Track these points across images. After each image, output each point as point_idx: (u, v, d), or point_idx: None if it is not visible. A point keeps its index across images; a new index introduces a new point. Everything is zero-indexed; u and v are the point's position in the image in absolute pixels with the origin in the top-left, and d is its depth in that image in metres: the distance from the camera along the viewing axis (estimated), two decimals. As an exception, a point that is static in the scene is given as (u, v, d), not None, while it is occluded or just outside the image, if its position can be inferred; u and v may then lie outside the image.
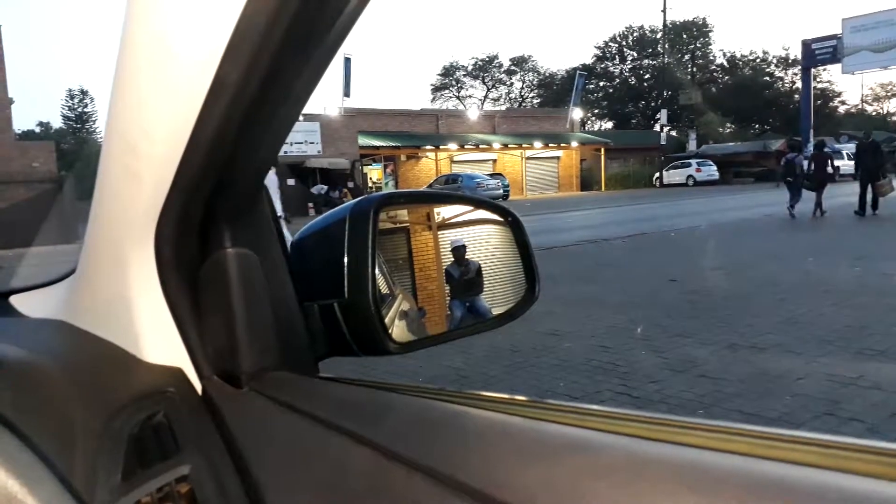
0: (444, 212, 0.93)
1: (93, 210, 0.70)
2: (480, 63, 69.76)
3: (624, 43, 65.72)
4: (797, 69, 52.02)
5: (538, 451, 0.44)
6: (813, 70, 44.41)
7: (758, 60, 63.23)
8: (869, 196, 14.81)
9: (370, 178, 34.53)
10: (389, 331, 0.74)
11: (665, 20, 52.54)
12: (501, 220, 0.92)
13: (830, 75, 57.25)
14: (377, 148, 34.15)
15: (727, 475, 0.36)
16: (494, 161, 40.64)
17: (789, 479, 0.34)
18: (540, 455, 0.43)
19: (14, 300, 0.92)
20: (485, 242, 0.94)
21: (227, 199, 0.64)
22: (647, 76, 64.11)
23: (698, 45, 65.97)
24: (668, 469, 0.37)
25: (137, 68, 0.54)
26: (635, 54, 65.42)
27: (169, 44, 0.50)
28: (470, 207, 0.94)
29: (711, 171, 39.37)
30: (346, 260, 0.72)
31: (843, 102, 64.07)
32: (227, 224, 0.66)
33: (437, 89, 70.67)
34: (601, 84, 66.71)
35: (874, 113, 68.92)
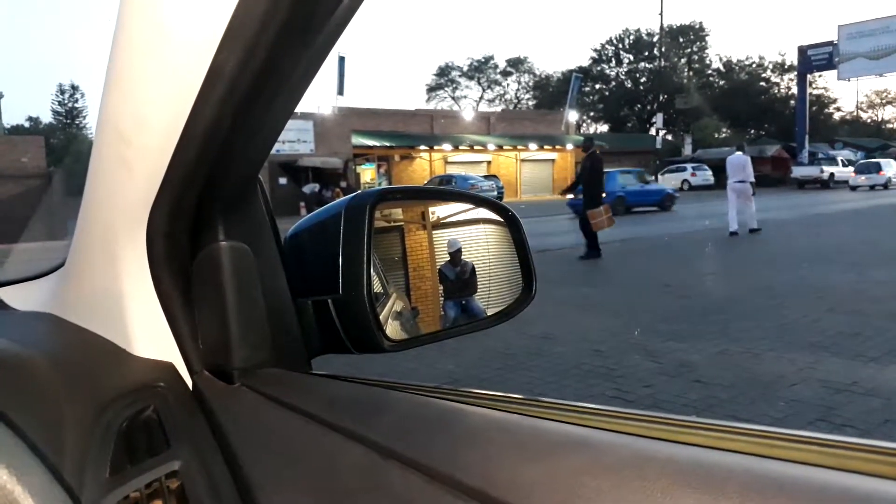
0: (439, 210, 0.92)
1: (84, 201, 0.69)
2: (476, 63, 69.87)
3: (620, 46, 65.83)
4: (793, 75, 52.31)
5: (537, 448, 0.43)
6: (809, 76, 44.65)
7: (754, 65, 63.50)
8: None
9: (363, 178, 34.41)
10: (384, 328, 0.73)
11: (662, 24, 52.92)
12: (500, 217, 0.91)
13: (826, 82, 57.63)
14: (371, 147, 34.00)
15: (729, 474, 0.35)
16: (489, 162, 40.59)
17: (791, 477, 0.34)
18: (539, 453, 0.42)
19: (2, 293, 0.91)
20: (481, 241, 0.93)
21: (221, 191, 0.63)
22: (643, 79, 64.22)
23: (695, 49, 66.15)
24: (670, 468, 0.37)
25: (132, 57, 0.53)
26: (632, 57, 65.53)
27: (164, 32, 0.49)
28: (469, 205, 0.94)
29: (707, 175, 39.33)
30: (341, 256, 0.71)
31: (838, 109, 64.49)
32: (221, 217, 0.65)
33: (432, 89, 70.71)
34: (597, 87, 66.75)
35: (869, 120, 69.43)
